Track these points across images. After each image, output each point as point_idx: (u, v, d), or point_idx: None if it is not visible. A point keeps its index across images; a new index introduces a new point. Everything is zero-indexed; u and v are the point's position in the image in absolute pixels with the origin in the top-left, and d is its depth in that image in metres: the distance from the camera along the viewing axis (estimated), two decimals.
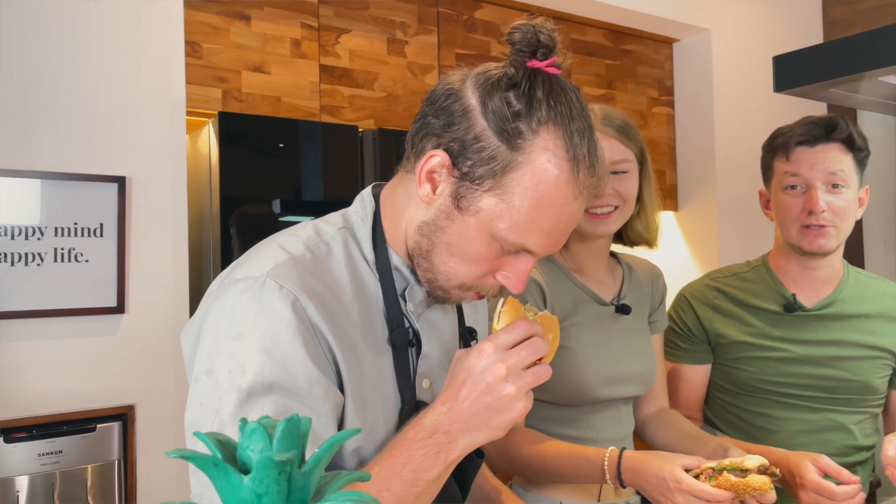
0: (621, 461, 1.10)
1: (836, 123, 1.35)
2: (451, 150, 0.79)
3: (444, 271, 0.83)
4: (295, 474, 0.46)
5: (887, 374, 1.44)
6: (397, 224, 0.87)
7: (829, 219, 1.37)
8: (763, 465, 1.07)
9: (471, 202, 0.79)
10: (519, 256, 0.82)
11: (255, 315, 0.76)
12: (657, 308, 1.41)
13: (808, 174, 1.37)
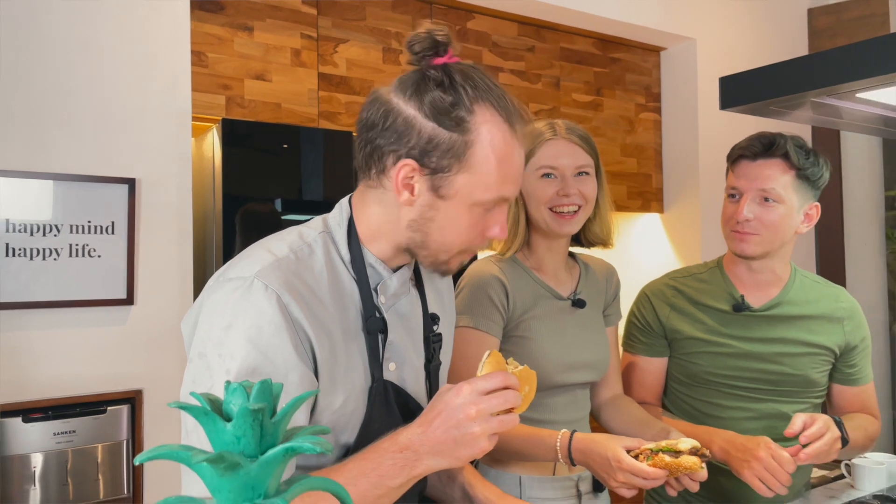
0: (571, 442, 1.24)
1: (773, 141, 1.48)
2: (415, 156, 0.93)
3: (442, 249, 0.99)
4: (266, 423, 0.60)
5: (826, 369, 1.58)
6: (376, 228, 1.00)
7: (755, 227, 1.49)
8: (695, 448, 1.20)
9: (448, 188, 0.94)
10: (495, 210, 0.98)
11: (243, 310, 0.89)
12: (611, 303, 1.55)
13: (743, 185, 1.50)
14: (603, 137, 3.25)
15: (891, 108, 1.36)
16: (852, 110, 1.37)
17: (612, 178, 3.27)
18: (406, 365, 1.04)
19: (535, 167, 1.38)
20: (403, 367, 1.04)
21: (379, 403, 0.98)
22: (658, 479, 1.18)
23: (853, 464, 1.60)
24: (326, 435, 0.99)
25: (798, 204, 1.52)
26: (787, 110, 1.38)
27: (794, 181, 1.49)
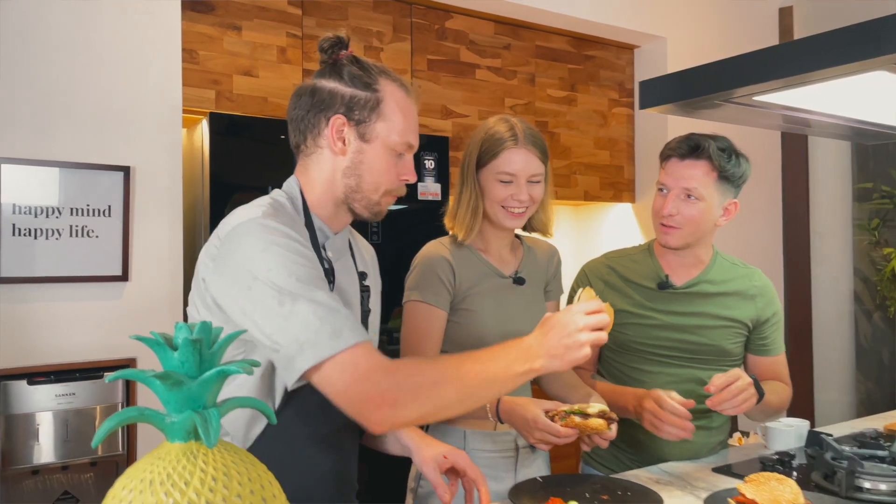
0: (499, 405, 1.44)
1: (699, 145, 1.66)
2: (343, 113, 1.21)
3: (372, 189, 1.23)
4: (205, 352, 0.79)
5: (740, 341, 1.76)
6: (319, 192, 1.24)
7: (678, 222, 1.68)
8: (602, 411, 1.39)
9: (371, 133, 1.22)
10: (404, 157, 1.25)
11: (270, 234, 1.10)
12: (552, 280, 1.74)
13: (670, 183, 1.68)
14: (576, 131, 3.43)
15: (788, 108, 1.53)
16: (755, 110, 1.55)
17: (585, 170, 3.46)
18: (352, 309, 1.27)
19: (495, 171, 1.57)
20: (350, 310, 1.25)
21: None
22: (569, 438, 1.39)
23: (767, 427, 1.79)
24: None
25: (718, 201, 1.69)
26: (699, 110, 1.55)
27: (715, 181, 1.67)
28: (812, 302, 4.04)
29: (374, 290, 1.38)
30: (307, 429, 1.19)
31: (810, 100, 1.50)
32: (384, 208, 1.27)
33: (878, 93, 1.45)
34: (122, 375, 0.79)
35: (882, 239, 4.39)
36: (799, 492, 1.27)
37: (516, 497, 1.35)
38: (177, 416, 0.78)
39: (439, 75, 3.02)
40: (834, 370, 4.08)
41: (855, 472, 1.41)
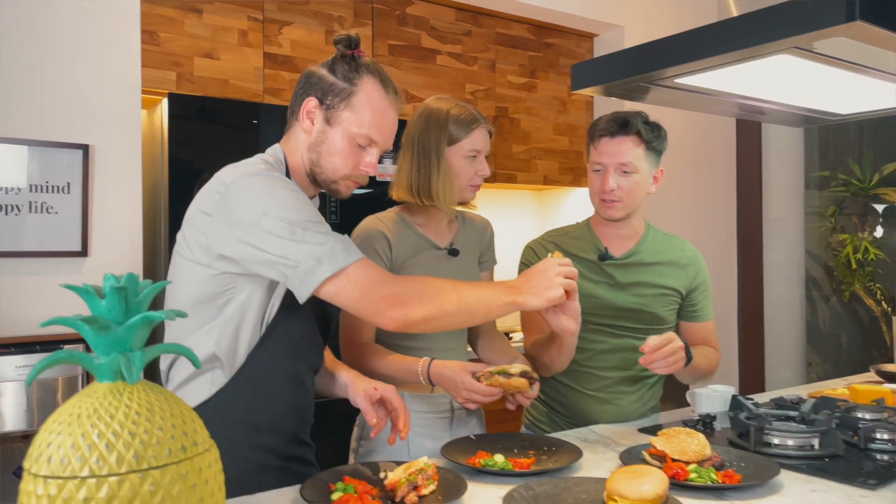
0: (430, 368, 1.53)
1: (628, 121, 1.77)
2: (317, 96, 1.36)
3: (331, 169, 1.37)
4: (131, 301, 0.87)
5: (674, 308, 1.88)
6: (296, 161, 1.40)
7: (619, 195, 1.79)
8: (523, 371, 1.49)
9: (335, 119, 1.36)
10: (369, 150, 1.38)
11: (272, 182, 1.26)
12: (486, 251, 1.83)
13: (606, 161, 1.79)
14: (536, 117, 3.52)
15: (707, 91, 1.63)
16: (679, 93, 1.64)
17: (544, 155, 3.55)
18: None
19: (465, 148, 1.67)
20: None
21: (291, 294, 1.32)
22: (493, 396, 1.49)
23: (694, 392, 1.89)
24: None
25: (648, 171, 1.81)
26: (626, 92, 1.64)
27: (644, 153, 1.78)
28: (764, 286, 4.18)
29: None
30: (279, 365, 1.33)
31: (728, 82, 1.59)
32: (342, 190, 1.40)
33: (785, 76, 1.55)
34: (54, 322, 0.87)
35: (839, 226, 4.54)
36: (706, 444, 1.37)
37: (448, 452, 1.44)
38: (104, 358, 0.85)
39: (400, 60, 3.09)
40: (785, 351, 4.23)
41: (763, 428, 1.51)
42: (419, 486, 1.23)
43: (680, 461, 1.33)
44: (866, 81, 1.61)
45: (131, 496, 0.78)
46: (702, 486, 1.26)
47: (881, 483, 1.30)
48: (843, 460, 1.44)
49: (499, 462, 1.38)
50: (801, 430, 1.50)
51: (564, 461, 1.40)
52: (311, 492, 1.20)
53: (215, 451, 0.89)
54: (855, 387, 1.94)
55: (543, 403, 1.92)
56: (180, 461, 0.82)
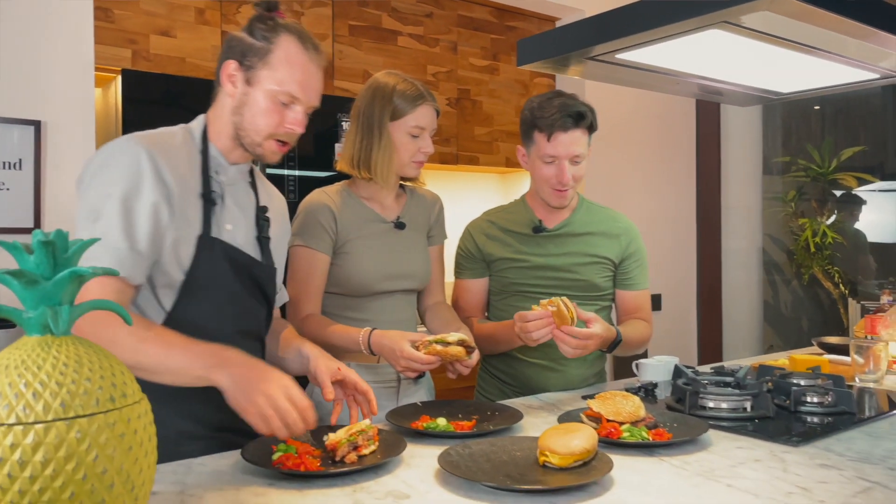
0: (370, 337, 1.56)
1: (583, 114, 1.81)
2: (236, 58, 1.36)
3: (254, 130, 1.37)
4: (59, 257, 0.89)
5: (608, 276, 1.94)
6: (218, 126, 1.40)
7: (572, 184, 1.85)
8: (460, 340, 1.53)
9: (255, 78, 1.36)
10: (292, 108, 1.37)
11: (115, 154, 1.28)
12: (434, 225, 1.86)
13: (561, 153, 1.81)
14: (499, 100, 3.55)
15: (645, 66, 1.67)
16: (621, 69, 1.68)
17: (506, 138, 3.58)
18: (239, 229, 1.42)
19: (409, 124, 1.69)
20: (237, 230, 1.42)
21: (206, 253, 1.34)
22: (431, 364, 1.52)
23: (639, 362, 1.95)
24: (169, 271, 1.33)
25: (587, 151, 1.87)
26: (568, 67, 1.68)
27: (588, 138, 1.85)
28: (722, 270, 4.26)
29: (276, 230, 1.53)
30: (201, 328, 1.30)
31: (668, 59, 1.63)
32: (267, 152, 1.40)
33: (724, 53, 1.59)
34: None
35: (799, 210, 4.64)
36: (640, 406, 1.42)
37: (393, 417, 1.47)
38: (32, 312, 0.87)
39: (361, 41, 3.10)
40: (743, 333, 4.33)
41: (698, 392, 1.57)
42: (359, 447, 1.26)
43: (614, 421, 1.38)
44: (804, 60, 1.66)
45: (58, 443, 0.80)
46: (633, 443, 1.30)
47: (804, 440, 1.36)
48: (773, 421, 1.50)
49: (440, 425, 1.42)
50: (734, 394, 1.56)
51: (504, 423, 1.44)
52: (252, 453, 1.23)
53: (146, 403, 0.92)
54: (794, 356, 2.01)
55: (493, 376, 1.96)
56: (108, 411, 0.85)
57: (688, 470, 1.20)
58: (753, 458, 1.26)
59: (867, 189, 4.61)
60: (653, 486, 1.12)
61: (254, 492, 1.11)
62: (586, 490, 1.10)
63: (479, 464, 1.19)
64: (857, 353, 1.90)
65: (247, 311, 1.44)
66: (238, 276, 1.40)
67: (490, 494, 1.08)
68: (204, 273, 1.34)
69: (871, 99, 4.57)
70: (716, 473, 1.18)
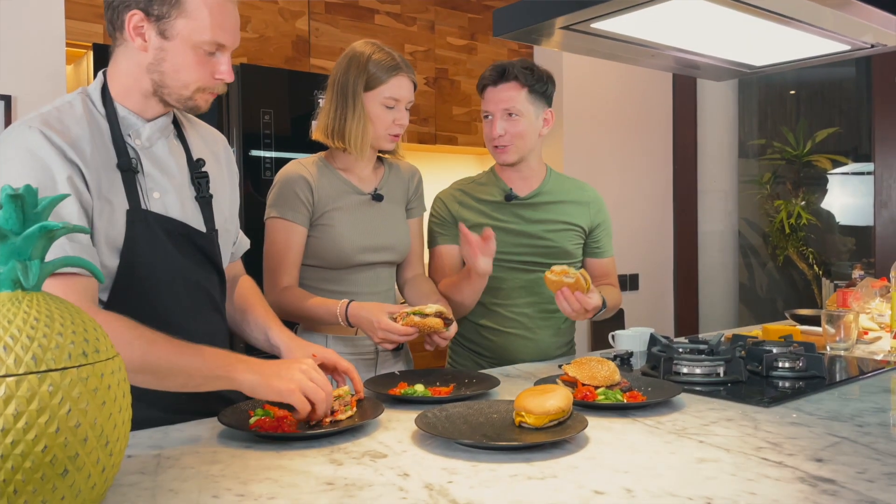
0: (348, 309, 1.55)
1: (505, 69, 1.87)
2: (141, 7, 1.20)
3: (180, 86, 1.24)
4: (29, 212, 0.88)
5: (579, 243, 1.98)
6: (125, 82, 1.25)
7: (508, 140, 1.87)
8: (439, 311, 1.53)
9: (170, 30, 1.21)
10: (220, 56, 1.24)
11: (14, 146, 1.16)
12: (413, 197, 1.86)
13: (491, 108, 1.88)
14: (476, 79, 3.53)
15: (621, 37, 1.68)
16: (598, 41, 1.69)
17: None
18: (169, 195, 1.29)
19: (383, 95, 1.66)
20: (167, 197, 1.29)
21: (139, 228, 1.24)
22: (409, 336, 1.51)
23: (616, 334, 1.97)
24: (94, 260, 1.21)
25: (535, 113, 1.89)
26: (544, 38, 1.68)
27: (528, 96, 1.87)
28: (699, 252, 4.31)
29: (219, 178, 1.42)
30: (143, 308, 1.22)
31: (644, 29, 1.64)
32: (200, 104, 1.27)
33: (699, 23, 1.60)
34: None
35: (774, 192, 4.70)
36: (615, 370, 1.43)
37: (373, 385, 1.48)
38: (2, 267, 0.86)
39: (337, 19, 3.08)
40: (718, 313, 4.38)
41: (672, 358, 1.59)
42: (336, 412, 1.26)
43: (589, 385, 1.39)
44: (778, 31, 1.67)
45: (29, 395, 0.79)
46: (608, 405, 1.32)
47: (774, 402, 1.39)
48: (745, 385, 1.53)
49: (418, 391, 1.42)
50: (707, 359, 1.58)
51: (481, 389, 1.45)
52: (229, 417, 1.23)
53: (119, 360, 0.91)
54: (767, 327, 2.05)
55: (465, 348, 1.97)
56: (81, 365, 0.84)
57: (661, 429, 1.22)
58: (725, 418, 1.28)
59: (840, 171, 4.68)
60: (626, 443, 1.14)
61: (231, 453, 1.11)
62: (561, 447, 1.11)
63: (456, 425, 1.20)
64: (829, 324, 1.93)
65: (195, 285, 1.33)
66: (179, 249, 1.28)
67: (466, 453, 1.09)
68: (142, 251, 1.23)
69: (845, 83, 4.64)
70: (688, 431, 1.20)
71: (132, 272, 1.24)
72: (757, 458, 1.06)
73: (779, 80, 4.62)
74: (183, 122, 1.40)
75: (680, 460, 1.05)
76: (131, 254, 1.23)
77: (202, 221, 1.35)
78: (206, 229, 1.35)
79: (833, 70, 4.53)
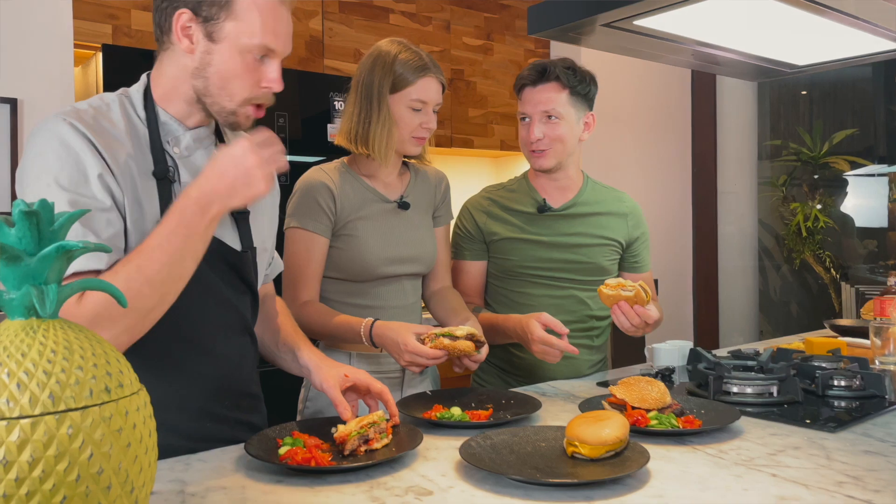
0: (373, 328, 1.46)
1: (546, 68, 1.74)
2: (189, 6, 1.13)
3: (226, 95, 1.16)
4: (45, 230, 0.78)
5: (615, 259, 1.86)
6: (169, 87, 1.18)
7: (546, 144, 1.76)
8: (470, 334, 1.42)
9: (219, 33, 1.13)
10: (267, 63, 1.16)
11: (48, 139, 1.07)
12: (440, 205, 1.75)
13: (529, 110, 1.76)
14: (492, 80, 3.45)
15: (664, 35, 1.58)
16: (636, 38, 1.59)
17: (501, 120, 3.49)
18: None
19: (410, 97, 1.56)
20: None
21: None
22: (438, 359, 1.41)
23: (652, 347, 1.87)
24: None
25: (576, 117, 1.78)
26: (583, 36, 1.59)
27: (568, 98, 1.76)
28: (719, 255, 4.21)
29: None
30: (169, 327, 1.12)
31: (685, 26, 1.55)
32: (242, 119, 1.18)
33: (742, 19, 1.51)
34: None
35: (790, 195, 4.60)
36: (666, 392, 1.34)
37: (403, 406, 1.38)
38: (15, 293, 0.77)
39: (352, 18, 2.99)
40: (739, 320, 4.29)
41: (723, 377, 1.50)
42: (371, 440, 1.17)
43: (640, 409, 1.30)
44: (823, 26, 1.58)
45: (47, 440, 0.70)
46: (663, 431, 1.23)
47: (840, 426, 1.29)
48: (802, 406, 1.43)
49: (455, 414, 1.33)
50: (760, 378, 1.48)
51: (523, 412, 1.35)
52: (257, 447, 1.13)
53: (145, 395, 0.82)
54: (810, 339, 1.95)
55: (493, 365, 1.87)
56: (103, 403, 0.75)
57: (725, 459, 1.12)
58: (792, 446, 1.18)
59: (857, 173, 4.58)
60: (692, 477, 1.04)
61: (261, 489, 1.01)
62: (622, 483, 1.02)
63: (503, 455, 1.11)
64: (877, 336, 1.83)
65: (226, 305, 1.23)
66: (211, 266, 1.17)
67: (519, 489, 1.00)
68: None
69: (859, 83, 4.54)
70: (756, 462, 1.10)
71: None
72: (842, 495, 0.96)
73: (791, 80, 4.53)
74: (226, 131, 1.31)
75: (758, 499, 0.96)
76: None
77: (237, 239, 1.26)
78: (240, 247, 1.26)
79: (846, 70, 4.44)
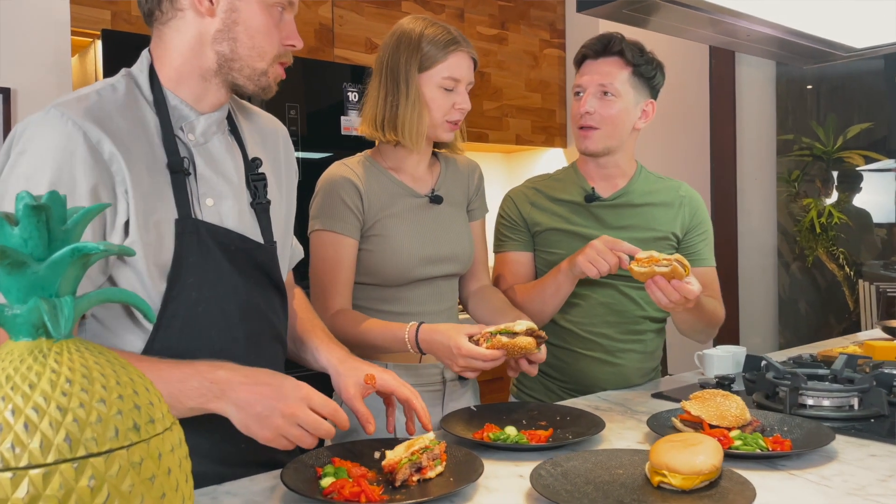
0: (419, 333, 1.31)
1: (611, 39, 1.60)
2: None
3: (257, 54, 1.05)
4: (56, 230, 0.63)
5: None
6: (180, 65, 1.05)
7: (596, 121, 1.61)
8: (530, 329, 1.26)
9: None
10: (285, 17, 1.08)
11: (38, 135, 0.94)
12: (475, 197, 1.60)
13: (585, 82, 1.62)
14: (507, 71, 3.31)
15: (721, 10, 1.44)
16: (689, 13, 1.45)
17: (516, 113, 3.35)
18: (225, 202, 1.08)
19: (441, 75, 1.40)
20: (222, 203, 1.08)
21: (191, 242, 1.01)
22: (496, 360, 1.25)
23: (703, 353, 1.73)
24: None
25: (634, 100, 1.63)
26: (635, 13, 1.45)
27: (630, 77, 1.61)
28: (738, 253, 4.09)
29: (276, 180, 1.19)
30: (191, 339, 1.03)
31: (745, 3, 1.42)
32: (272, 82, 1.09)
33: None
34: None
35: (801, 191, 4.48)
36: (745, 407, 1.20)
37: (449, 425, 1.24)
38: (20, 308, 0.62)
39: (363, 6, 2.84)
40: (758, 319, 4.17)
41: (799, 388, 1.36)
42: (424, 468, 1.02)
43: (719, 427, 1.16)
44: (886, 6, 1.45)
45: (64, 495, 0.56)
46: (751, 454, 1.08)
47: None
48: (890, 421, 1.30)
49: (511, 435, 1.18)
50: (839, 389, 1.35)
51: (585, 432, 1.21)
52: (294, 478, 0.99)
53: (178, 430, 0.67)
54: (870, 343, 1.81)
55: None
56: (132, 444, 0.60)
57: (833, 487, 0.98)
58: None
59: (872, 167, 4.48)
60: None
61: None
62: None
63: (579, 486, 0.97)
64: None
65: (254, 311, 1.11)
66: (236, 266, 1.07)
67: None
68: (192, 270, 1.01)
69: (867, 77, 4.44)
70: (868, 491, 0.97)
71: (180, 297, 1.01)
72: None
73: (798, 74, 4.42)
74: (237, 113, 1.18)
75: None
76: (180, 274, 1.00)
77: (259, 232, 1.12)
78: (263, 241, 1.12)
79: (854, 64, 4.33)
